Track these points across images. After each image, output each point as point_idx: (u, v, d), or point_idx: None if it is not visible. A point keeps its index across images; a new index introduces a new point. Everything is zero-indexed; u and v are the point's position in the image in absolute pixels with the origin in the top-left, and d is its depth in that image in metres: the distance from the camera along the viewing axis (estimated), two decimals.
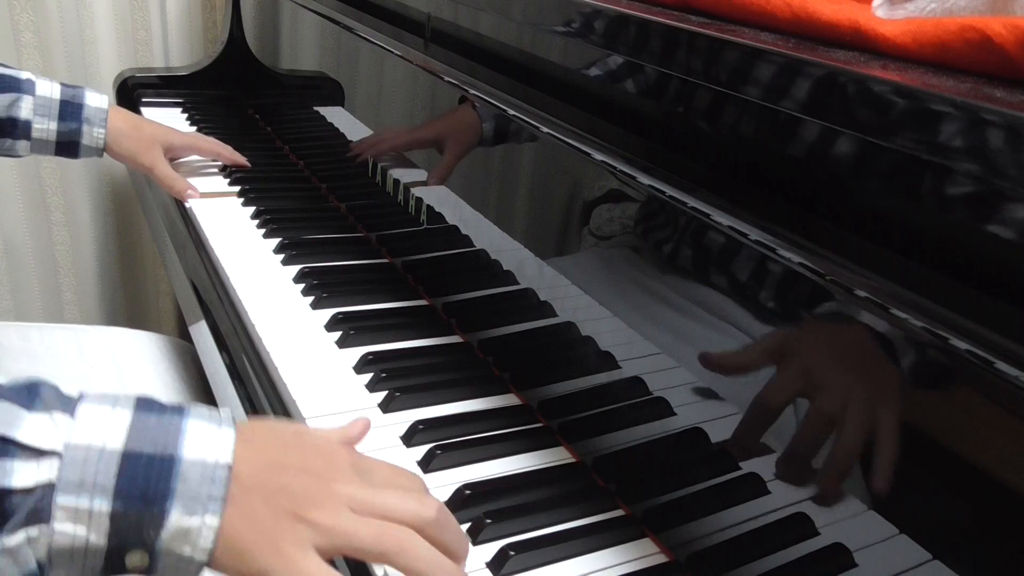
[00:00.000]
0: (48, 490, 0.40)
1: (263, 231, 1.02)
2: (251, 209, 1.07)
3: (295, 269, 0.92)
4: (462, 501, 0.60)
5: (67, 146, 1.01)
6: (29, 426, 0.40)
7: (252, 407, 0.74)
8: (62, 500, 0.40)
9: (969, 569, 0.42)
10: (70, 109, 0.99)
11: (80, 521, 0.40)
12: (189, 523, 0.41)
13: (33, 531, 0.39)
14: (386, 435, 0.67)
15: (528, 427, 0.70)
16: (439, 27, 0.89)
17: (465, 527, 0.59)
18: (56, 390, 0.43)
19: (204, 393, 1.03)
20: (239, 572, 0.43)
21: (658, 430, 0.61)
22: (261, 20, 1.45)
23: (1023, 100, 0.39)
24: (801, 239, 0.48)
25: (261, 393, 0.75)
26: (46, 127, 0.99)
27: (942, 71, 0.45)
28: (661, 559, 0.58)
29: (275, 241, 0.99)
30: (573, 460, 0.67)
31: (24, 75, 0.98)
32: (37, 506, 0.39)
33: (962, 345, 0.40)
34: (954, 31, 0.44)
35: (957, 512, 0.43)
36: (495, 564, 0.56)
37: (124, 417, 0.42)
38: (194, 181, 1.11)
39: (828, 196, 0.49)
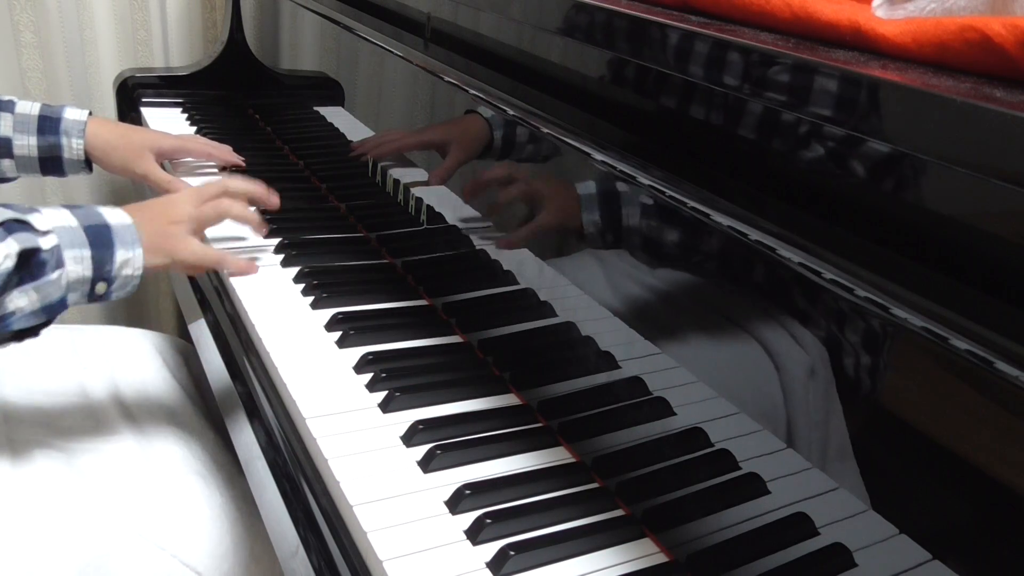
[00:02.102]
0: (58, 248, 0.71)
1: (263, 231, 1.02)
2: (251, 209, 1.07)
3: (295, 269, 0.92)
4: (462, 501, 0.60)
5: (50, 162, 1.01)
6: (32, 219, 0.70)
7: (252, 407, 0.75)
8: (67, 253, 0.71)
9: (969, 569, 0.42)
10: (48, 124, 0.99)
11: (78, 263, 0.72)
12: (128, 255, 0.75)
13: (60, 271, 0.71)
14: (386, 435, 0.67)
15: (528, 427, 0.70)
16: (439, 27, 0.89)
17: (465, 527, 0.59)
18: (18, 205, 0.71)
19: (204, 392, 1.03)
20: (161, 265, 0.79)
21: (658, 430, 0.61)
22: (261, 20, 1.45)
23: (1023, 100, 0.39)
24: (801, 239, 0.48)
25: (261, 393, 0.75)
26: (26, 143, 0.99)
27: (942, 71, 0.45)
28: (661, 559, 0.58)
29: (275, 241, 0.98)
30: (573, 460, 0.67)
31: (6, 97, 0.99)
32: (57, 257, 0.70)
33: (962, 345, 0.40)
34: (954, 31, 0.44)
35: (957, 512, 0.43)
36: (495, 564, 0.56)
37: (65, 211, 0.74)
38: (192, 181, 1.10)
39: (828, 196, 0.49)
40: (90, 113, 1.03)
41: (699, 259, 0.57)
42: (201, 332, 0.89)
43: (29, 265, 0.68)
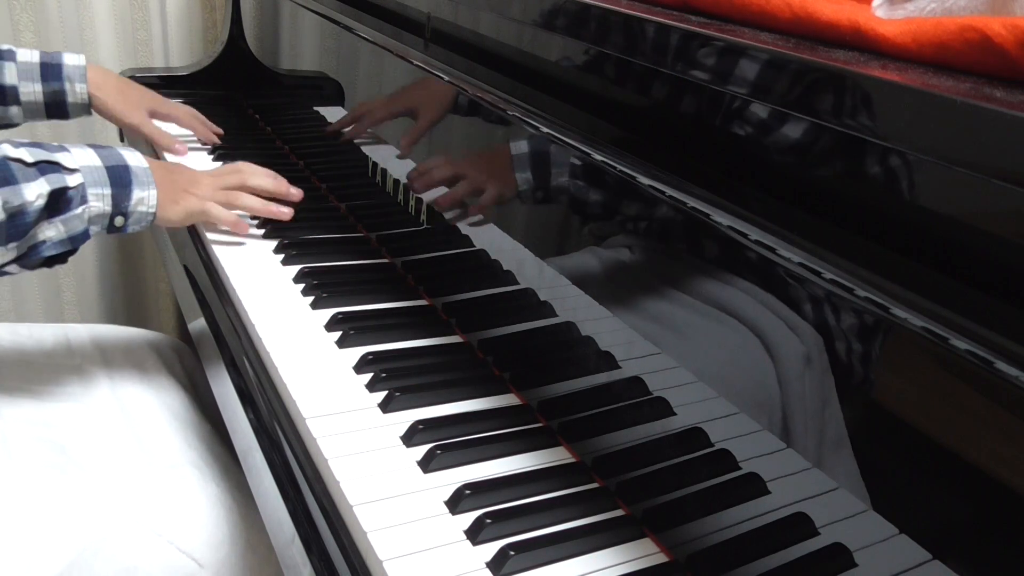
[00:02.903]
0: (83, 186, 0.79)
1: (263, 231, 1.02)
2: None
3: (295, 269, 0.92)
4: (462, 501, 0.60)
5: (56, 107, 1.08)
6: (61, 158, 0.78)
7: (252, 407, 0.75)
8: (91, 190, 0.79)
9: (969, 569, 0.42)
10: (50, 70, 1.06)
11: (99, 200, 0.80)
12: (143, 194, 0.84)
13: (84, 206, 0.79)
14: (386, 435, 0.67)
15: (528, 427, 0.70)
16: (439, 27, 0.89)
17: (465, 527, 0.59)
18: (51, 143, 0.80)
19: (204, 392, 1.03)
20: (165, 220, 0.88)
21: (658, 430, 0.61)
22: (261, 20, 1.45)
23: (1023, 100, 0.39)
24: (801, 239, 0.48)
25: (260, 393, 0.75)
26: (32, 89, 1.06)
27: (942, 71, 0.45)
28: (661, 559, 0.58)
29: (275, 241, 0.98)
30: (573, 460, 0.67)
31: (4, 46, 1.05)
32: (82, 194, 0.78)
33: (962, 345, 0.40)
34: (954, 31, 0.44)
35: (957, 512, 0.43)
36: (495, 564, 0.56)
37: (91, 151, 0.82)
38: (187, 157, 1.17)
39: (828, 196, 0.49)
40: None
41: (699, 259, 0.57)
42: (200, 332, 0.89)
43: (58, 201, 0.76)
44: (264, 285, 0.89)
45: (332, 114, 1.19)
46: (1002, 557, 0.41)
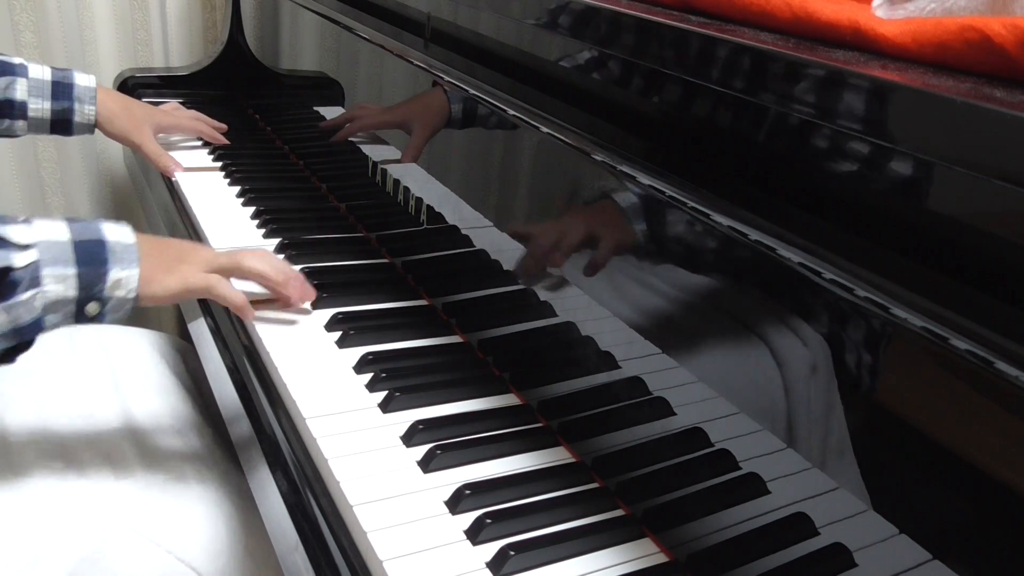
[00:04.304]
0: (36, 265, 0.64)
1: (263, 231, 1.02)
2: (251, 209, 1.07)
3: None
4: (462, 501, 0.60)
5: (61, 124, 1.08)
6: (11, 232, 0.64)
7: (252, 407, 0.75)
8: (46, 271, 0.64)
9: (969, 569, 0.42)
10: (61, 89, 1.07)
11: (59, 282, 0.65)
12: (122, 275, 0.68)
13: (34, 291, 0.64)
14: (386, 435, 0.67)
15: (528, 427, 0.70)
16: (439, 27, 0.89)
17: (465, 527, 0.59)
18: (8, 215, 0.66)
19: (203, 392, 1.03)
20: (151, 299, 0.71)
21: (658, 430, 0.61)
22: (261, 20, 1.45)
23: (1023, 100, 0.39)
24: (801, 239, 0.48)
25: (260, 392, 0.75)
26: (41, 106, 1.06)
27: (942, 71, 0.45)
28: (661, 559, 0.58)
29: (275, 241, 0.99)
30: (573, 460, 0.67)
31: (16, 60, 1.05)
32: (32, 276, 0.64)
33: (962, 345, 0.40)
34: (954, 31, 0.44)
35: (957, 512, 0.43)
36: (495, 564, 0.56)
37: (62, 224, 0.67)
38: (177, 156, 1.19)
39: (828, 196, 0.49)
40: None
41: (699, 259, 0.57)
42: (201, 332, 0.89)
43: (1, 284, 0.63)
44: None
45: (332, 114, 1.19)
46: (1002, 557, 0.41)
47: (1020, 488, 0.39)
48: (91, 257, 0.67)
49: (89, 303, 0.67)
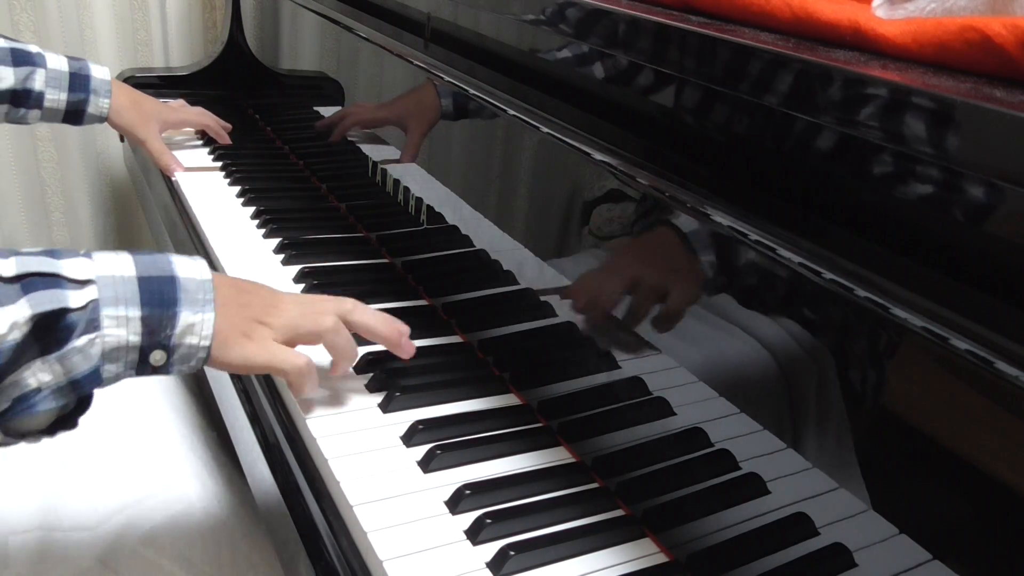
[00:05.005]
0: (95, 305, 0.55)
1: (263, 231, 1.02)
2: (251, 209, 1.07)
3: (295, 269, 0.92)
4: (462, 501, 0.60)
5: (74, 114, 1.10)
6: (67, 266, 0.55)
7: (251, 407, 0.74)
8: (106, 311, 0.55)
9: (969, 569, 0.42)
10: (78, 81, 1.08)
11: (121, 325, 0.56)
12: (194, 319, 0.59)
13: (92, 335, 0.55)
14: (386, 435, 0.67)
15: (528, 427, 0.70)
16: (439, 27, 0.89)
17: (465, 527, 0.59)
18: (66, 249, 0.58)
19: (203, 392, 1.03)
20: (224, 363, 0.62)
21: (658, 430, 0.61)
22: (261, 20, 1.45)
23: (1023, 100, 0.39)
24: (801, 239, 0.48)
25: (261, 393, 0.75)
26: (57, 97, 1.07)
27: (942, 71, 0.45)
28: (661, 559, 0.58)
29: (275, 241, 0.98)
30: (573, 460, 0.67)
31: (33, 49, 1.06)
32: (90, 317, 0.54)
33: (962, 345, 0.40)
34: (954, 31, 0.44)
35: (957, 512, 0.43)
36: (495, 564, 0.56)
37: (127, 257, 0.58)
38: (180, 155, 1.21)
39: (828, 196, 0.49)
40: None
41: (698, 259, 0.57)
42: None
43: (51, 330, 0.53)
44: None
45: (332, 114, 1.19)
46: (1002, 557, 0.41)
47: (1020, 488, 0.39)
48: (159, 296, 0.57)
49: (155, 351, 0.57)
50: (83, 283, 0.55)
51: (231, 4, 1.49)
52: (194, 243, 1.01)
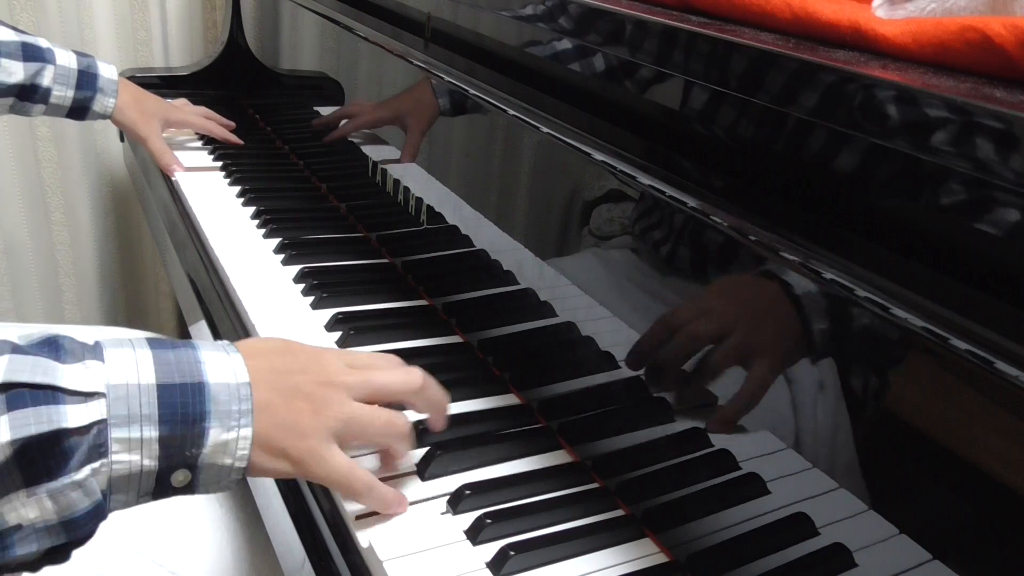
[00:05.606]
0: (102, 426, 0.44)
1: (263, 231, 1.02)
2: (251, 209, 1.07)
3: (295, 269, 0.92)
4: (462, 501, 0.60)
5: (78, 111, 1.10)
6: (68, 374, 0.44)
7: None
8: (116, 433, 0.44)
9: (969, 569, 0.42)
10: (86, 79, 1.09)
11: (134, 450, 0.45)
12: (227, 437, 0.48)
13: (96, 464, 0.44)
14: None
15: (528, 427, 0.70)
16: (439, 27, 0.89)
17: (465, 527, 0.59)
18: (74, 340, 0.47)
19: None
20: (276, 471, 0.50)
21: (658, 430, 0.61)
22: (261, 20, 1.45)
23: (1023, 100, 0.39)
24: (801, 239, 0.48)
25: None
26: (64, 94, 1.07)
27: (942, 71, 0.45)
28: (661, 559, 0.58)
29: (275, 241, 0.99)
30: (573, 460, 0.67)
31: (43, 44, 1.06)
32: (95, 442, 0.44)
33: (962, 345, 0.40)
34: (954, 31, 0.44)
35: (957, 512, 0.43)
36: (495, 564, 0.56)
37: (146, 356, 0.47)
38: (181, 156, 1.21)
39: (828, 196, 0.49)
40: None
41: (698, 259, 0.57)
42: (201, 333, 0.89)
43: (46, 456, 0.42)
44: (265, 286, 0.89)
45: None
46: (1002, 557, 0.41)
47: (1020, 488, 0.39)
48: (183, 411, 0.46)
49: (177, 471, 0.47)
50: (88, 396, 0.44)
51: (231, 4, 1.49)
52: (194, 243, 1.01)
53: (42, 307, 1.64)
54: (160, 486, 0.47)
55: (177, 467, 0.47)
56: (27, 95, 1.05)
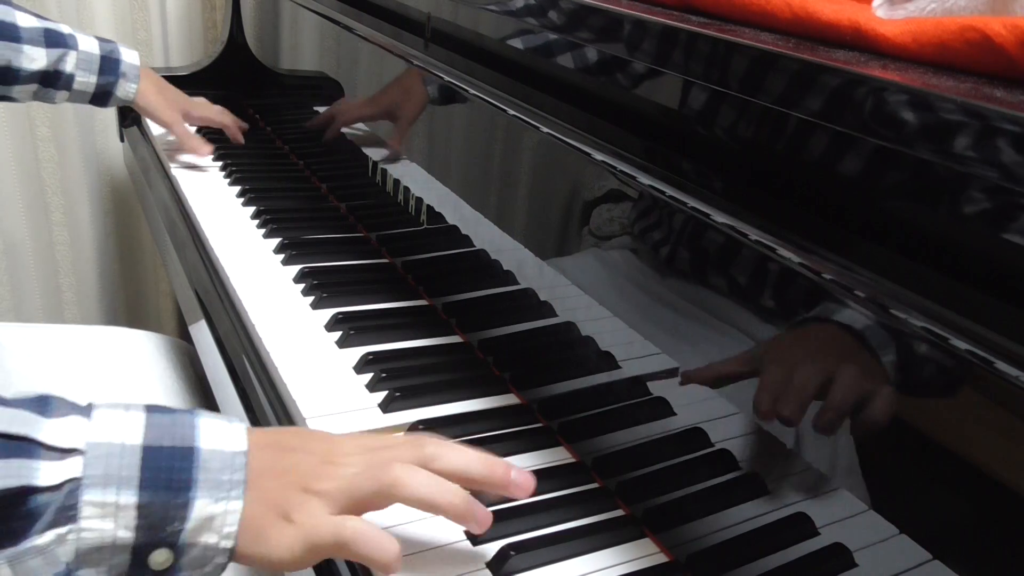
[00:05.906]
0: (75, 486, 0.40)
1: (263, 231, 1.02)
2: (251, 209, 1.08)
3: (295, 269, 0.92)
4: None
5: (101, 96, 1.11)
6: (49, 428, 0.41)
7: (251, 407, 0.74)
8: (89, 495, 0.40)
9: (969, 569, 0.42)
10: (108, 64, 1.09)
11: (107, 516, 0.40)
12: (213, 510, 0.43)
13: (62, 530, 0.39)
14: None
15: (528, 427, 0.70)
16: (439, 27, 0.89)
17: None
18: (64, 400, 0.44)
19: (204, 393, 1.03)
20: (257, 557, 0.45)
21: (658, 430, 0.61)
22: (261, 20, 1.45)
23: (1023, 100, 0.39)
24: (801, 239, 0.48)
25: (261, 393, 0.75)
26: (87, 80, 1.08)
27: (942, 71, 0.45)
28: (661, 559, 0.58)
29: (275, 241, 0.99)
30: (573, 460, 0.67)
31: (65, 29, 1.06)
32: (65, 503, 0.39)
33: (962, 345, 0.40)
34: (954, 31, 0.44)
35: (957, 512, 0.43)
36: (495, 564, 0.56)
37: (138, 417, 0.43)
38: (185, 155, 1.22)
39: (828, 196, 0.49)
40: None
41: (699, 259, 0.57)
42: (201, 333, 0.89)
43: (9, 516, 0.39)
44: (265, 285, 0.89)
45: None
46: (1002, 557, 0.41)
47: (1020, 488, 0.39)
48: (167, 476, 0.42)
49: (156, 550, 0.42)
50: (65, 452, 0.40)
51: (231, 4, 1.49)
52: (194, 243, 1.01)
53: (42, 307, 1.64)
54: (136, 565, 0.42)
55: (156, 545, 0.42)
56: (50, 81, 1.05)
